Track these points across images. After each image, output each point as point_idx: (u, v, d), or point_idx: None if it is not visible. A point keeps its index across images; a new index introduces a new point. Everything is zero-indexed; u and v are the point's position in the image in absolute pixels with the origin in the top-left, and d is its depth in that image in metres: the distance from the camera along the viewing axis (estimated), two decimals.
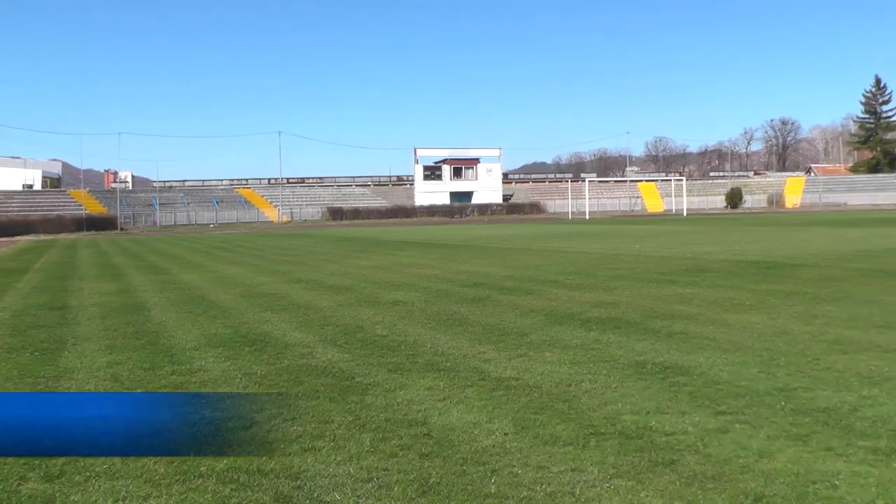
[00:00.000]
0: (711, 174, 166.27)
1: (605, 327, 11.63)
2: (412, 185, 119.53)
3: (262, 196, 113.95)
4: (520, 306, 14.14)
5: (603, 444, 6.24)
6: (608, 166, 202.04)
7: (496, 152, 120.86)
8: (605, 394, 7.79)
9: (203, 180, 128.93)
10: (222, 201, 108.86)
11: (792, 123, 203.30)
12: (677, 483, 5.41)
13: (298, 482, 5.62)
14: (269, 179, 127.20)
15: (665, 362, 9.14)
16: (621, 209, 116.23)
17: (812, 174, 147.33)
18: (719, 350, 9.79)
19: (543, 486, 5.40)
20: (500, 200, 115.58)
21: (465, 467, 5.81)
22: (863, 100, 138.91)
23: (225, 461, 5.95)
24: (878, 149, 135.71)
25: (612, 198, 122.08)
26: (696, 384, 8.08)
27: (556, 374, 8.72)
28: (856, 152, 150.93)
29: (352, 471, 5.79)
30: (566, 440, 6.35)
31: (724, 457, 5.90)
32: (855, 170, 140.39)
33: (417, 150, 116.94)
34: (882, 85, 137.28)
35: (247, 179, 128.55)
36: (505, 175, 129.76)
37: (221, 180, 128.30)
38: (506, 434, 6.56)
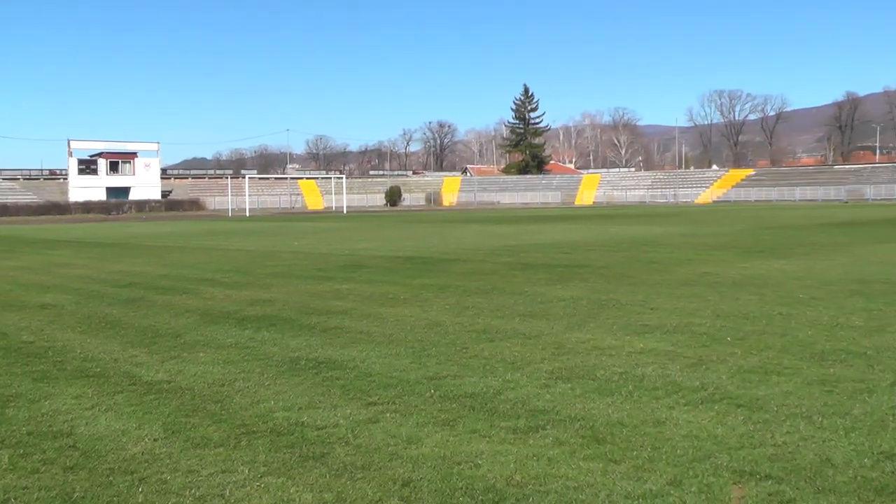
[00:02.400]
0: (371, 173, 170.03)
1: (261, 325, 11.56)
2: (66, 179, 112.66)
3: None
4: (175, 306, 13.75)
5: (254, 442, 6.17)
6: (269, 163, 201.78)
7: (154, 146, 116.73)
8: (259, 392, 7.72)
9: None
10: None
11: (449, 126, 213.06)
12: (327, 475, 5.44)
13: None
14: None
15: (319, 357, 9.22)
16: (282, 206, 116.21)
17: (468, 174, 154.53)
18: (373, 343, 10.01)
19: (193, 491, 5.25)
20: (158, 197, 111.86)
21: (111, 478, 5.53)
22: (513, 107, 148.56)
23: None
24: (527, 152, 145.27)
25: (272, 195, 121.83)
26: (349, 377, 8.20)
27: (210, 374, 8.54)
28: (507, 155, 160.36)
29: None
30: (217, 441, 6.22)
31: (374, 446, 6.02)
32: (507, 171, 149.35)
33: (72, 143, 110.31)
34: (530, 94, 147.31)
35: None
36: (164, 170, 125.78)
37: None
38: (156, 440, 6.32)
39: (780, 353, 9.08)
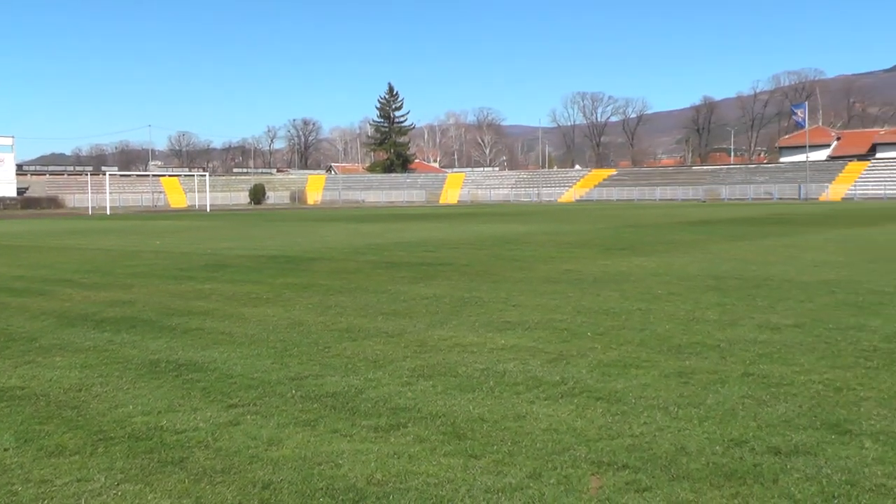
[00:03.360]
0: (235, 170, 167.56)
1: (120, 327, 11.28)
2: None
3: None
4: (30, 309, 13.29)
5: (112, 449, 6.02)
6: (131, 160, 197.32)
7: (9, 141, 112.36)
8: (117, 396, 7.55)
9: None
10: None
11: (314, 124, 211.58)
12: (186, 481, 5.36)
13: None
14: None
15: (180, 359, 9.06)
16: (144, 204, 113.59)
17: (332, 172, 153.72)
18: (235, 344, 9.90)
19: (46, 502, 5.10)
20: (14, 194, 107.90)
21: None
22: (378, 105, 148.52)
23: None
24: (392, 150, 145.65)
25: (134, 192, 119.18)
26: (210, 379, 8.10)
27: (66, 379, 8.29)
28: (372, 153, 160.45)
29: None
30: (73, 449, 6.04)
31: (235, 449, 5.96)
32: (372, 169, 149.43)
33: None
34: (395, 92, 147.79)
35: None
36: (19, 166, 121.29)
37: None
38: (6, 449, 6.10)
39: (638, 346, 9.36)
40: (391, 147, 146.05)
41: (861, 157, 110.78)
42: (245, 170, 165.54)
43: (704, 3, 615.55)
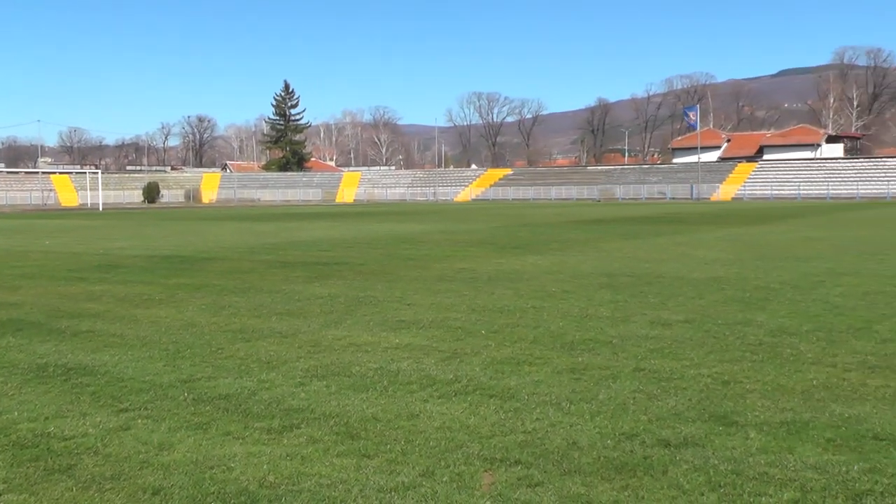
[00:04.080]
0: (129, 168, 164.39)
1: (6, 330, 10.93)
2: None
3: None
4: None
5: None
6: (19, 156, 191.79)
7: None
8: (1, 402, 7.31)
9: None
10: None
11: (209, 121, 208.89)
12: (74, 489, 5.24)
13: None
14: None
15: (69, 363, 8.84)
16: (33, 203, 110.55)
17: (228, 171, 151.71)
18: (126, 346, 9.71)
19: None
20: None
21: None
22: (274, 103, 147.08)
23: None
24: (288, 149, 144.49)
25: (22, 190, 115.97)
26: (100, 383, 7.93)
27: None
28: (268, 151, 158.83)
29: None
30: None
31: (125, 455, 5.85)
32: (267, 168, 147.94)
33: None
34: (291, 90, 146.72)
35: None
36: None
37: None
38: None
39: (532, 344, 9.49)
40: (287, 145, 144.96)
41: (749, 159, 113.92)
42: (138, 167, 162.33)
43: (599, 6, 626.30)
